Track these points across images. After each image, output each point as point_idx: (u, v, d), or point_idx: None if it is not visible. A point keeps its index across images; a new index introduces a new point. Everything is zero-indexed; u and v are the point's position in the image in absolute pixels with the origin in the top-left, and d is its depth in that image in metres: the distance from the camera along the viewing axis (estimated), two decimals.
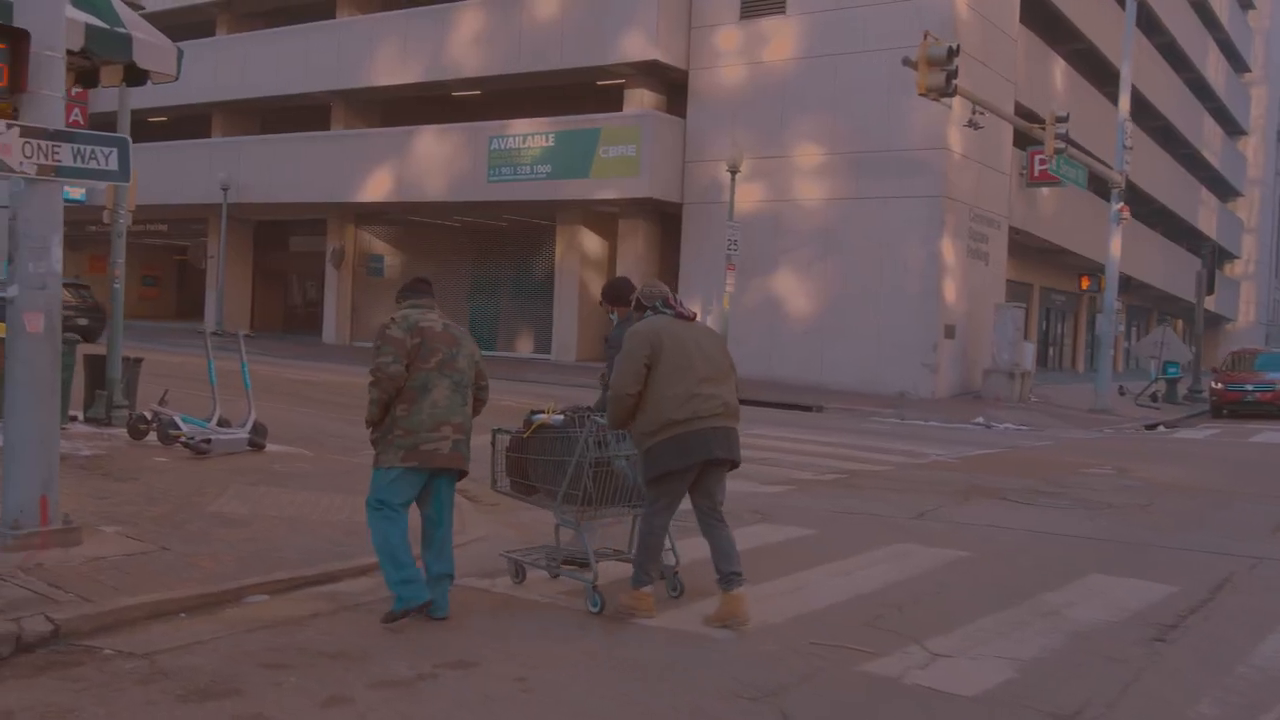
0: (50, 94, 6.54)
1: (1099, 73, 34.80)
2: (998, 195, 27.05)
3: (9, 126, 6.29)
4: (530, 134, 27.80)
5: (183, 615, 5.73)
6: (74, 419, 12.05)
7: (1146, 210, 40.68)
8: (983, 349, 25.97)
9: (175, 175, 32.43)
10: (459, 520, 6.69)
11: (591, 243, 29.56)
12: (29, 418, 6.52)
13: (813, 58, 25.30)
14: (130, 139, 6.94)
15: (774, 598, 6.47)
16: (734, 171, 23.87)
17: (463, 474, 5.89)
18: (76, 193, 36.76)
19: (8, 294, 6.52)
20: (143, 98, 26.78)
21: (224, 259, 33.74)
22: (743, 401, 6.44)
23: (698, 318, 6.19)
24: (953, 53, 16.57)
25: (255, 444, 11.12)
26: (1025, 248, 31.10)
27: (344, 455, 11.47)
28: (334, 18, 32.92)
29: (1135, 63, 26.74)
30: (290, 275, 39.90)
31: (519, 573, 6.57)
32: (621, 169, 26.35)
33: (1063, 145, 19.85)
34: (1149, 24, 36.24)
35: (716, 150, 26.31)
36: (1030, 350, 25.24)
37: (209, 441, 10.62)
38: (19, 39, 6.25)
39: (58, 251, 6.63)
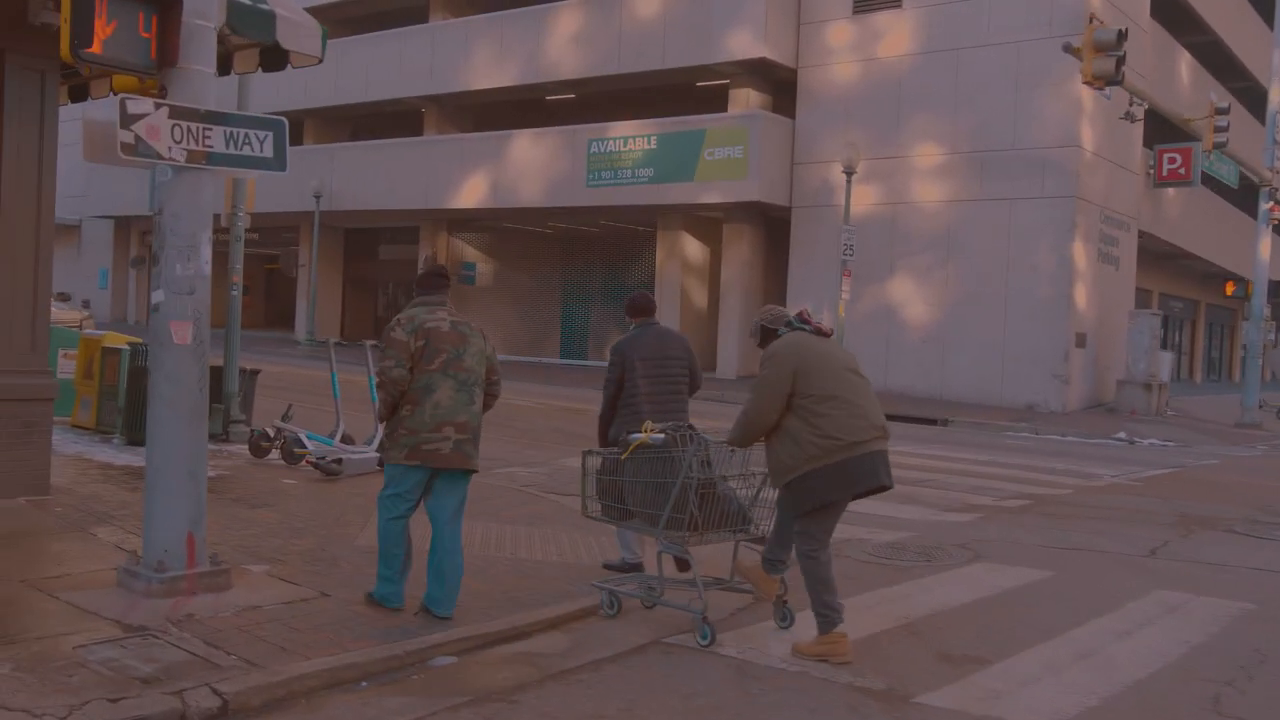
0: (201, 69, 5.67)
1: (1223, 67, 32.98)
2: (1128, 196, 25.51)
3: (157, 106, 5.43)
4: (631, 136, 26.86)
5: (364, 684, 4.79)
6: None
7: None
8: (1114, 359, 24.45)
9: (267, 183, 31.96)
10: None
11: (693, 248, 28.55)
12: (176, 442, 5.65)
13: (931, 52, 24.03)
14: (286, 122, 6.04)
15: (1067, 666, 5.39)
16: (850, 173, 22.69)
17: (470, 472, 5.73)
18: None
19: (152, 300, 5.65)
20: (234, 106, 26.48)
21: (315, 267, 33.33)
22: None
23: (834, 333, 5.66)
24: (1122, 37, 15.27)
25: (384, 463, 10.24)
26: (1144, 251, 29.43)
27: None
28: (427, 21, 32.36)
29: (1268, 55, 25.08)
30: (381, 283, 39.48)
31: (613, 604, 6.00)
32: (728, 171, 25.30)
33: (1225, 139, 18.36)
34: None
35: (827, 151, 25.15)
36: (1167, 360, 23.69)
37: (340, 462, 9.77)
38: (169, 5, 5.39)
39: (207, 251, 5.75)
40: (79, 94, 9.02)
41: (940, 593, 6.79)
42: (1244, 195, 35.59)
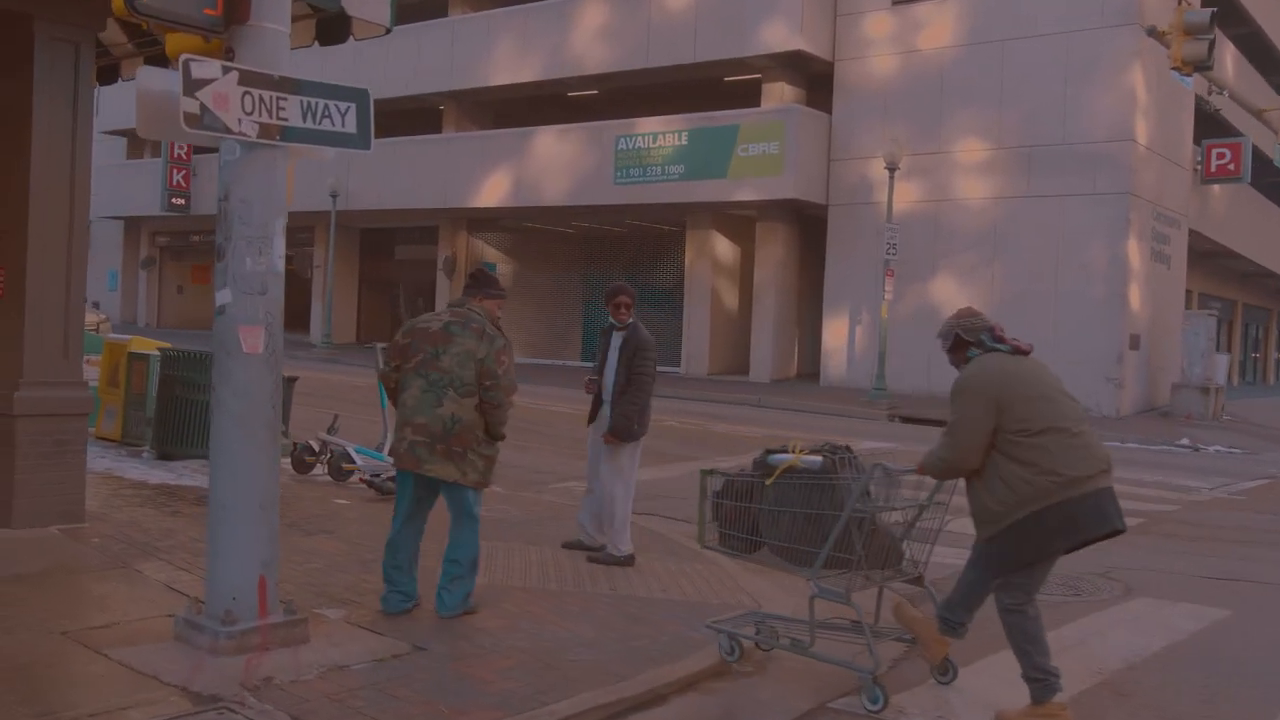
0: (275, 28, 4.81)
1: (1262, 59, 32.05)
2: (1178, 192, 24.60)
3: (226, 71, 4.55)
4: (661, 132, 25.97)
5: None
6: None
7: None
8: (1167, 361, 23.55)
9: None
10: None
11: (724, 248, 27.65)
12: (246, 468, 4.78)
13: (976, 44, 23.13)
14: (370, 93, 5.16)
15: None
16: (893, 169, 21.79)
17: (441, 481, 5.44)
18: (178, 200, 35.92)
19: (217, 301, 4.78)
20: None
21: (332, 268, 32.47)
22: (905, 419, 4.57)
23: (1032, 350, 4.73)
24: (1214, 19, 14.39)
25: None
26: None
27: (534, 492, 9.70)
28: (446, 15, 31.50)
29: None
30: (397, 284, 38.61)
31: (733, 649, 5.18)
32: (762, 168, 24.40)
33: None
34: None
35: (866, 147, 24.26)
36: (1223, 363, 22.80)
37: (395, 479, 8.86)
38: None
39: (281, 244, 4.88)
40: (107, 75, 8.16)
41: (1118, 637, 5.92)
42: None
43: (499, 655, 4.94)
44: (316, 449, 9.63)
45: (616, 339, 7.16)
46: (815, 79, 25.89)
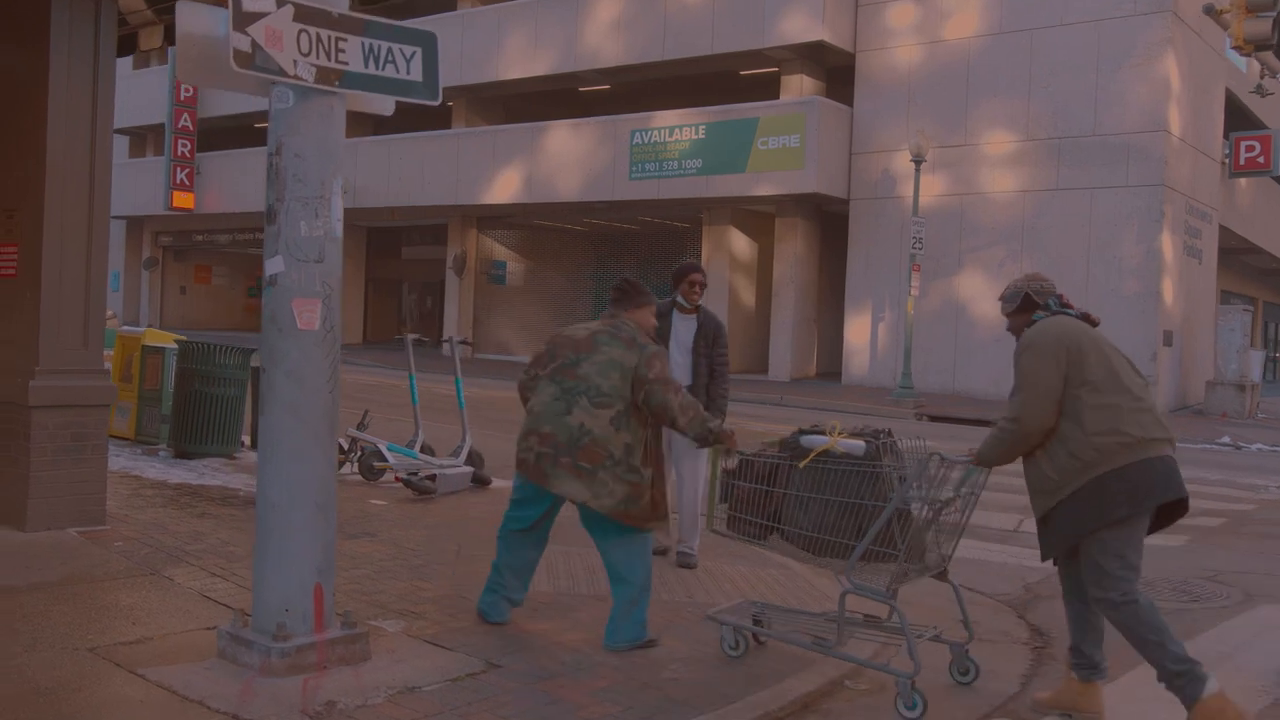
0: None
1: None
2: (1210, 185, 24.02)
3: (280, 3, 3.96)
4: (678, 126, 25.37)
5: None
6: (244, 444, 9.86)
7: None
8: (1199, 358, 22.98)
9: None
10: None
11: (741, 244, 27.06)
12: (302, 463, 4.18)
13: (1003, 34, 22.56)
14: (437, 37, 4.57)
15: None
16: (919, 161, 21.20)
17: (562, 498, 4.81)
18: (182, 200, 35.28)
19: (267, 270, 4.18)
20: (251, 100, 24.88)
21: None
22: (934, 418, 4.05)
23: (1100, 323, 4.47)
24: None
25: (480, 478, 8.79)
26: None
27: None
28: (455, 9, 30.91)
29: None
30: (405, 283, 38.05)
31: (738, 643, 4.77)
32: (783, 161, 23.81)
33: None
34: None
35: (888, 139, 23.69)
36: (1258, 359, 22.22)
37: (434, 478, 8.29)
38: None
39: (339, 204, 4.29)
40: (125, 46, 7.57)
41: (1268, 649, 5.33)
42: None
43: (588, 674, 4.34)
44: (345, 446, 9.04)
45: (685, 324, 6.52)
46: (835, 71, 25.33)
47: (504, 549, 5.00)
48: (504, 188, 28.48)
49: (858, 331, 24.67)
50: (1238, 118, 26.06)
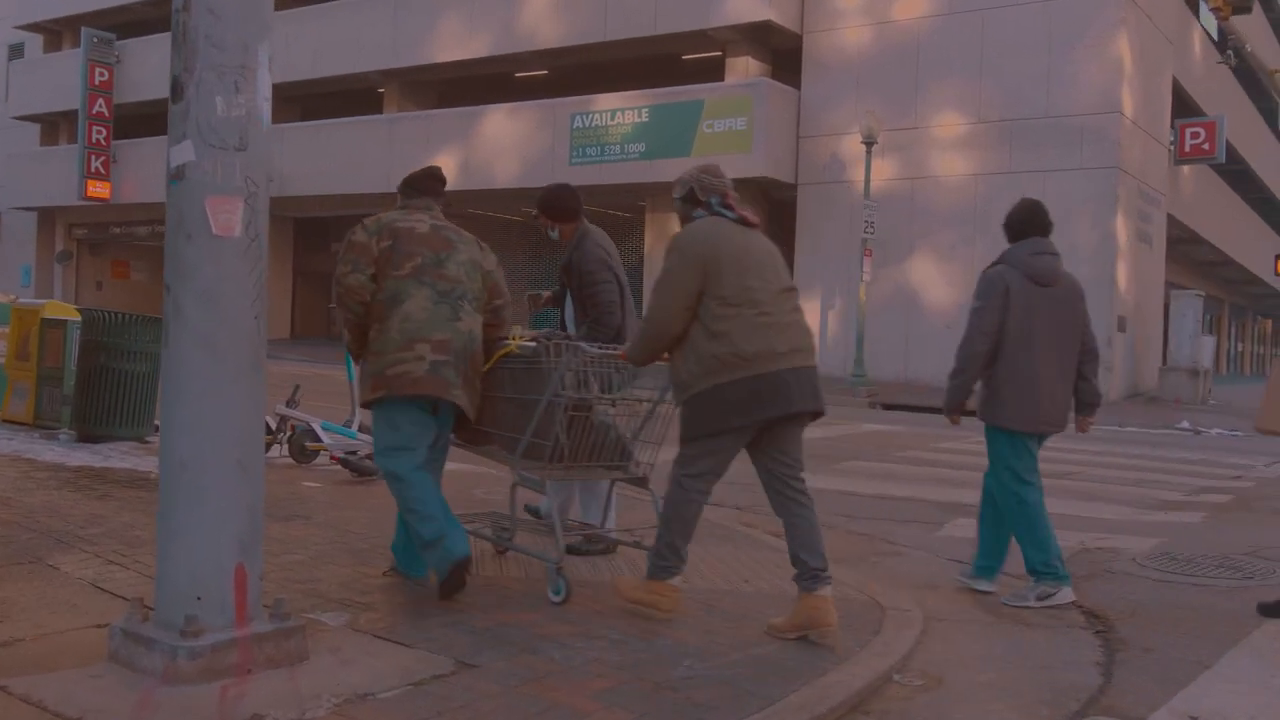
0: None
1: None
2: (1159, 170, 23.78)
3: None
4: (621, 109, 24.53)
5: None
6: (157, 428, 8.77)
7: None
8: (1150, 345, 22.68)
9: None
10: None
11: None
12: (216, 411, 3.26)
13: (954, 14, 22.06)
14: None
15: None
16: (870, 143, 20.62)
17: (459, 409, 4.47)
18: (97, 190, 33.53)
19: (173, 160, 3.25)
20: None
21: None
22: (888, 406, 3.45)
23: (760, 227, 4.44)
24: None
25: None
26: None
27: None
28: None
29: None
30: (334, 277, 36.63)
31: (560, 588, 4.64)
32: (729, 144, 23.06)
33: None
34: None
35: (837, 122, 23.09)
36: (1209, 345, 21.98)
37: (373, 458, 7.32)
38: None
39: (267, 79, 3.36)
40: None
41: None
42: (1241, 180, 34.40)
43: (584, 673, 3.47)
44: (273, 426, 8.04)
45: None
46: (781, 55, 24.67)
47: (417, 494, 4.31)
48: None
49: (807, 320, 23.99)
50: (1180, 108, 25.91)
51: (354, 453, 7.36)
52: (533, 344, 4.63)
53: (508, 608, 4.20)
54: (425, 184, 4.69)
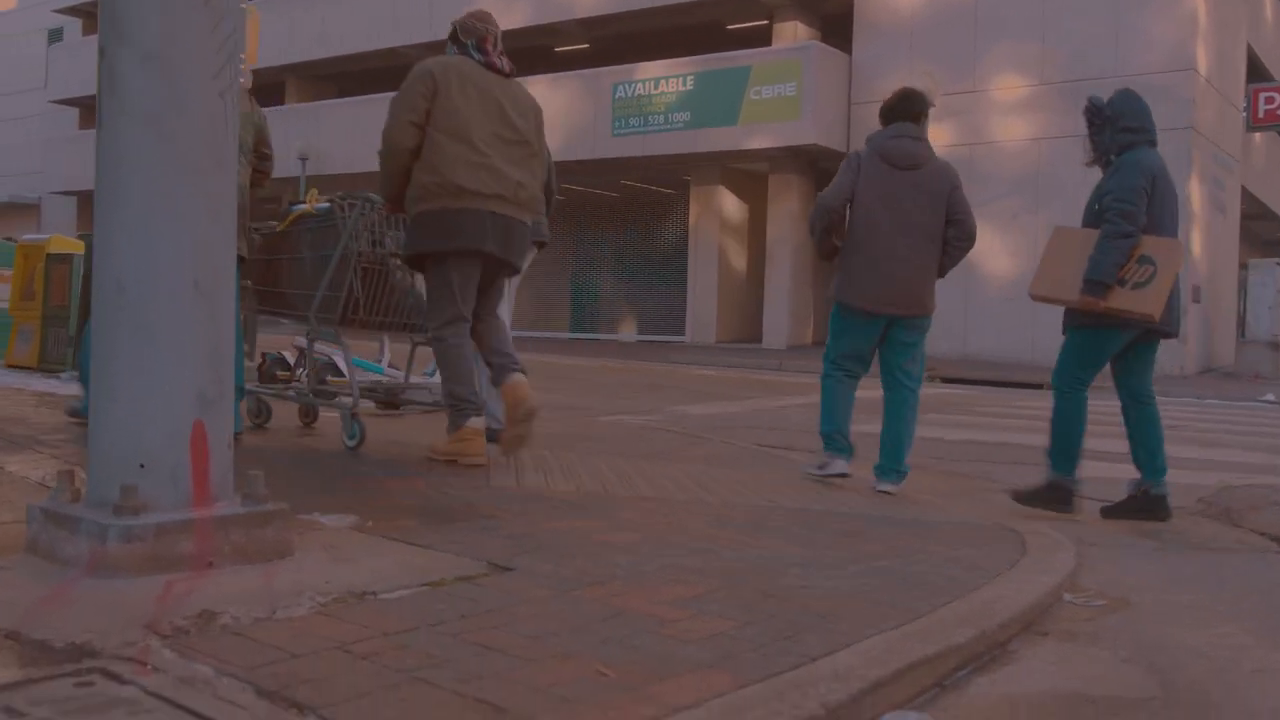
0: None
1: None
2: (1234, 134, 22.53)
3: None
4: (664, 77, 23.62)
5: None
6: None
7: None
8: (1225, 318, 21.46)
9: None
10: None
11: (731, 205, 25.32)
12: (165, 213, 2.40)
13: None
14: None
15: None
16: (929, 105, 19.54)
17: None
18: None
19: None
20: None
21: None
22: (946, 380, 2.61)
23: (515, 75, 4.57)
24: None
25: None
26: None
27: (588, 417, 7.39)
28: None
29: None
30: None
31: (261, 411, 5.19)
32: (777, 112, 22.10)
33: None
34: None
35: (890, 87, 21.57)
36: None
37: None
38: None
39: None
40: None
41: None
42: None
43: (661, 579, 2.59)
44: (292, 361, 7.24)
45: None
46: (831, 20, 23.67)
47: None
48: None
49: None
50: (1252, 74, 24.64)
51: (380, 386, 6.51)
52: (327, 204, 4.80)
53: (557, 516, 3.33)
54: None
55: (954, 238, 4.83)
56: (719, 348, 23.54)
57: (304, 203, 4.85)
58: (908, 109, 5.12)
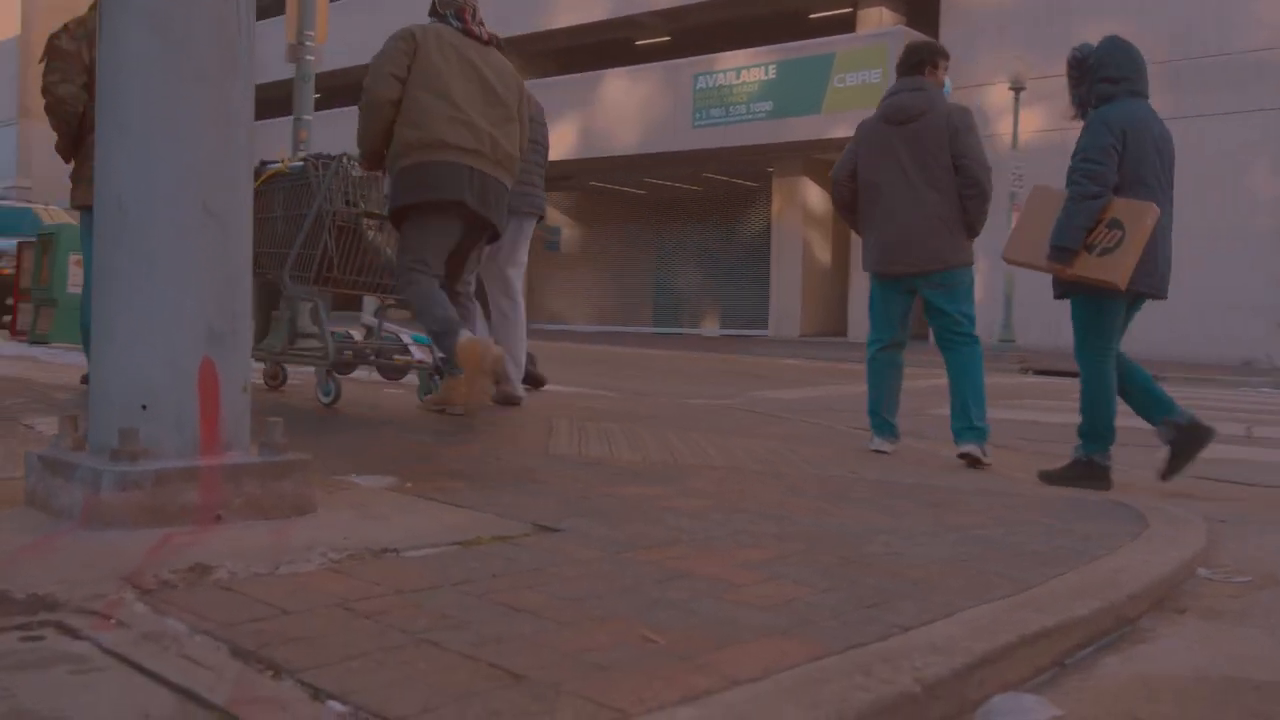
0: None
1: None
2: None
3: None
4: (745, 67, 23.21)
5: None
6: None
7: None
8: None
9: (324, 143, 28.83)
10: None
11: (815, 196, 24.80)
12: (165, 120, 2.14)
13: None
14: None
15: None
16: (1018, 89, 18.97)
17: None
18: None
19: None
20: (270, 70, 23.01)
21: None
22: (1039, 372, 2.01)
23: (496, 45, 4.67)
24: None
25: (533, 377, 6.91)
26: None
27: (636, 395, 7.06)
28: None
29: None
30: None
31: (330, 390, 4.95)
32: (863, 99, 21.48)
33: None
34: None
35: (979, 72, 21.33)
36: None
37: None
38: None
39: None
40: None
41: None
42: None
43: (731, 543, 2.26)
44: (359, 337, 7.04)
45: None
46: (917, 4, 23.05)
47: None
48: (559, 143, 26.35)
49: None
50: None
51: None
52: (301, 163, 4.79)
53: (619, 483, 3.02)
54: None
55: (961, 186, 4.51)
56: (802, 341, 23.06)
57: (278, 161, 4.83)
58: (907, 61, 4.79)
